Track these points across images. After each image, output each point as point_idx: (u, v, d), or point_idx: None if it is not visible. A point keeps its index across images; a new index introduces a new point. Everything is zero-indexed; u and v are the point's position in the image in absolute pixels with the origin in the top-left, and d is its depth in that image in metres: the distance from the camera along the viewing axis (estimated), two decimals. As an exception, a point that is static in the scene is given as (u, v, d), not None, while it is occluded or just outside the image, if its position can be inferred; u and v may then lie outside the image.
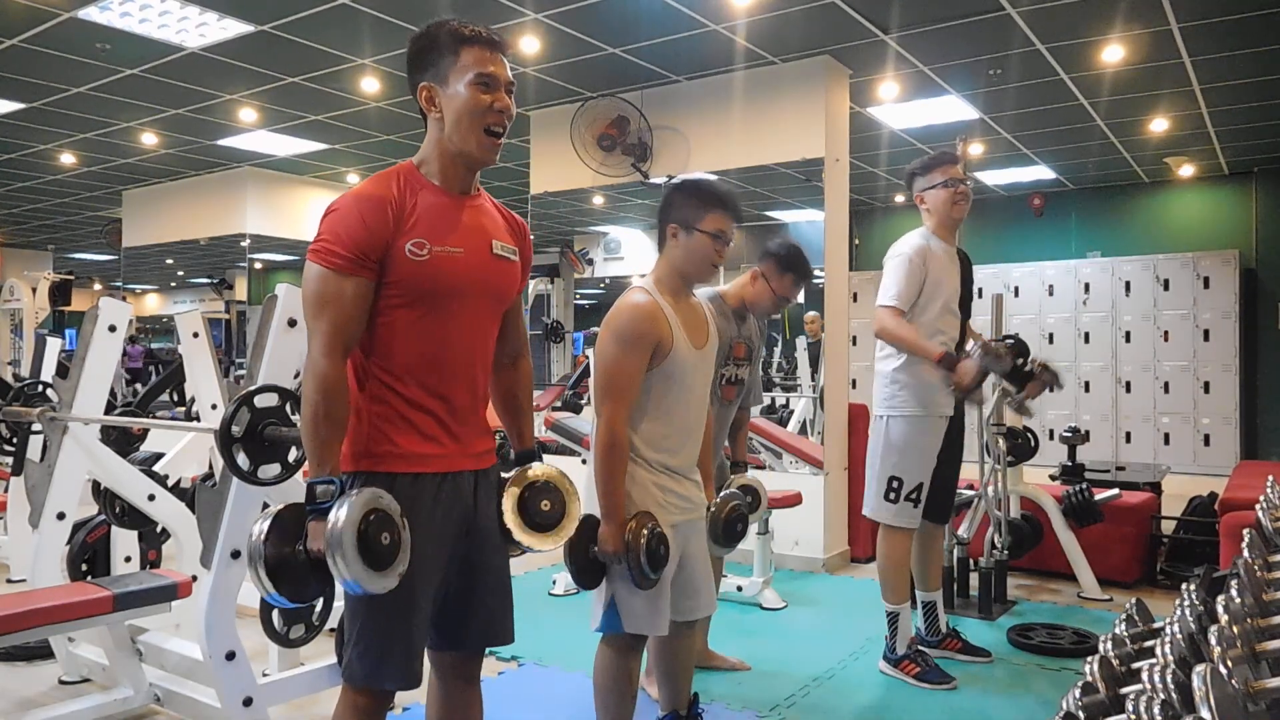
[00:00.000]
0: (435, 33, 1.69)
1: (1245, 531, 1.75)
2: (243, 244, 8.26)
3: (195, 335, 3.35)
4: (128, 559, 3.60)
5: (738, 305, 3.03)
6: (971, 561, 4.26)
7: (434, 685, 1.85)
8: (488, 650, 1.93)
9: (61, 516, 3.01)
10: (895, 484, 3.15)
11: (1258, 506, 2.11)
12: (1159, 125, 6.76)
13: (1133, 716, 1.08)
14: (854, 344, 9.61)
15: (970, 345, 3.16)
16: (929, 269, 3.14)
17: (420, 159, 1.73)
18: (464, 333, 1.71)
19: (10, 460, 3.67)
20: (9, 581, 4.20)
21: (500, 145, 1.72)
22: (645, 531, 2.09)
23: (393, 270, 1.62)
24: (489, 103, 1.67)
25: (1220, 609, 1.29)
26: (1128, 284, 8.85)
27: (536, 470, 1.86)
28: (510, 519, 1.79)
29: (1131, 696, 1.13)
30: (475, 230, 1.73)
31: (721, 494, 2.49)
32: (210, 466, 3.15)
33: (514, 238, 1.82)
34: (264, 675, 2.63)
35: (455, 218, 1.70)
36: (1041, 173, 8.44)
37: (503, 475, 1.85)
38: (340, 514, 1.47)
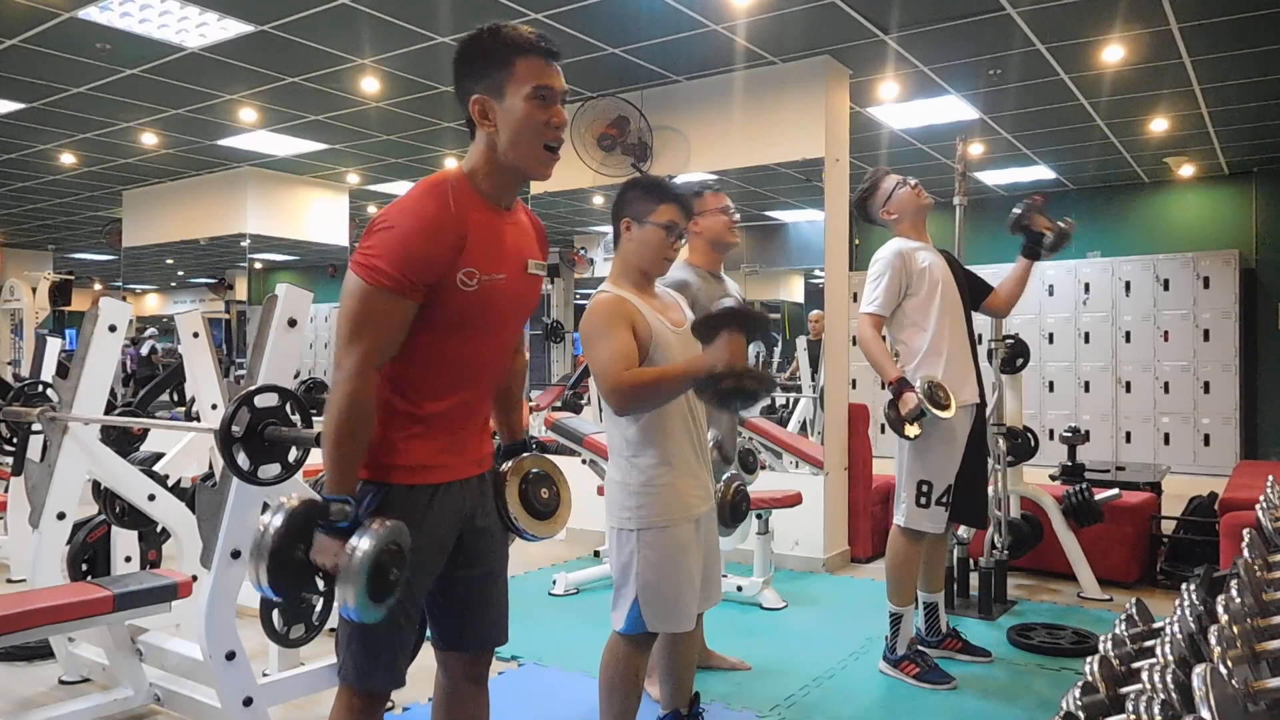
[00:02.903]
0: (488, 41, 1.62)
1: (1245, 531, 1.75)
2: (243, 244, 8.25)
3: (195, 335, 3.35)
4: (128, 559, 3.60)
5: (711, 266, 3.10)
6: (971, 561, 4.26)
7: (440, 685, 1.86)
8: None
9: (61, 516, 3.00)
10: (925, 488, 3.15)
11: (1258, 506, 2.11)
12: (1159, 125, 6.76)
13: (1133, 716, 1.08)
14: (854, 344, 9.61)
15: (919, 383, 3.06)
16: (913, 271, 3.17)
17: (470, 169, 1.65)
18: (491, 351, 1.72)
19: (10, 460, 3.67)
20: (9, 581, 4.20)
21: (557, 160, 1.68)
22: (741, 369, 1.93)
23: (441, 297, 1.57)
24: (547, 118, 1.62)
25: (1220, 609, 1.29)
26: (1128, 284, 8.85)
27: (530, 461, 1.88)
28: (516, 510, 1.81)
29: (1131, 696, 1.13)
30: (515, 252, 1.69)
31: (724, 477, 2.47)
32: (210, 466, 3.15)
33: (541, 249, 1.81)
34: (264, 675, 2.63)
35: (501, 240, 1.66)
36: (1041, 173, 8.44)
37: (499, 470, 1.85)
38: (362, 544, 1.45)
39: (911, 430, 3.08)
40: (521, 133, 1.60)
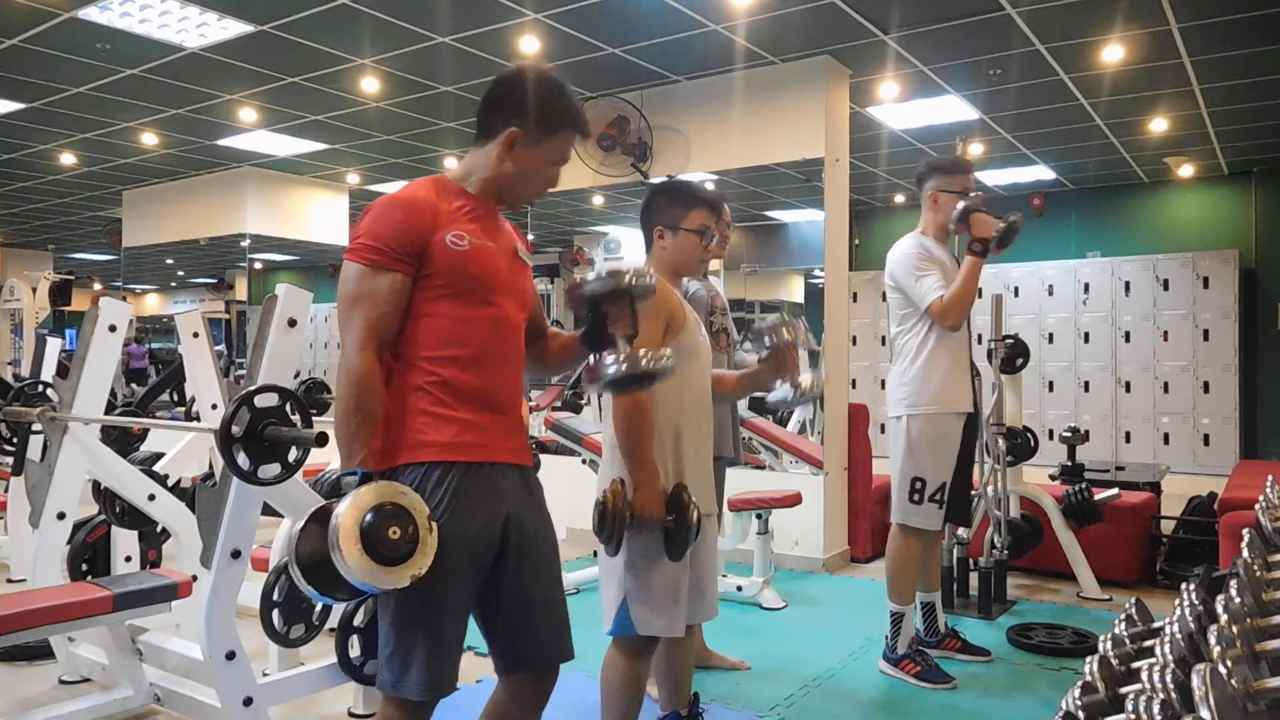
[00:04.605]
0: (553, 95, 1.75)
1: (1245, 531, 1.75)
2: (243, 244, 8.26)
3: (195, 335, 3.35)
4: (128, 559, 3.60)
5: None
6: (971, 561, 4.26)
7: (496, 700, 1.79)
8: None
9: (61, 516, 3.00)
10: (918, 484, 3.15)
11: (1257, 506, 2.10)
12: (1159, 125, 6.76)
13: (1132, 716, 1.08)
14: (854, 344, 9.62)
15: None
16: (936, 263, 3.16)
17: (460, 176, 1.78)
18: (502, 326, 1.74)
19: (10, 460, 3.67)
20: (9, 581, 4.20)
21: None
22: (694, 505, 2.05)
23: (434, 261, 1.65)
24: (554, 177, 1.83)
25: (1220, 609, 1.29)
26: (1127, 284, 8.85)
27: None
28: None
29: (1131, 696, 1.13)
30: (503, 233, 1.81)
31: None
32: (210, 466, 3.16)
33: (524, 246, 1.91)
34: (264, 675, 2.63)
35: (488, 220, 1.77)
36: (1041, 173, 8.44)
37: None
38: (342, 506, 1.45)
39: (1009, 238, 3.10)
40: (529, 180, 1.79)
